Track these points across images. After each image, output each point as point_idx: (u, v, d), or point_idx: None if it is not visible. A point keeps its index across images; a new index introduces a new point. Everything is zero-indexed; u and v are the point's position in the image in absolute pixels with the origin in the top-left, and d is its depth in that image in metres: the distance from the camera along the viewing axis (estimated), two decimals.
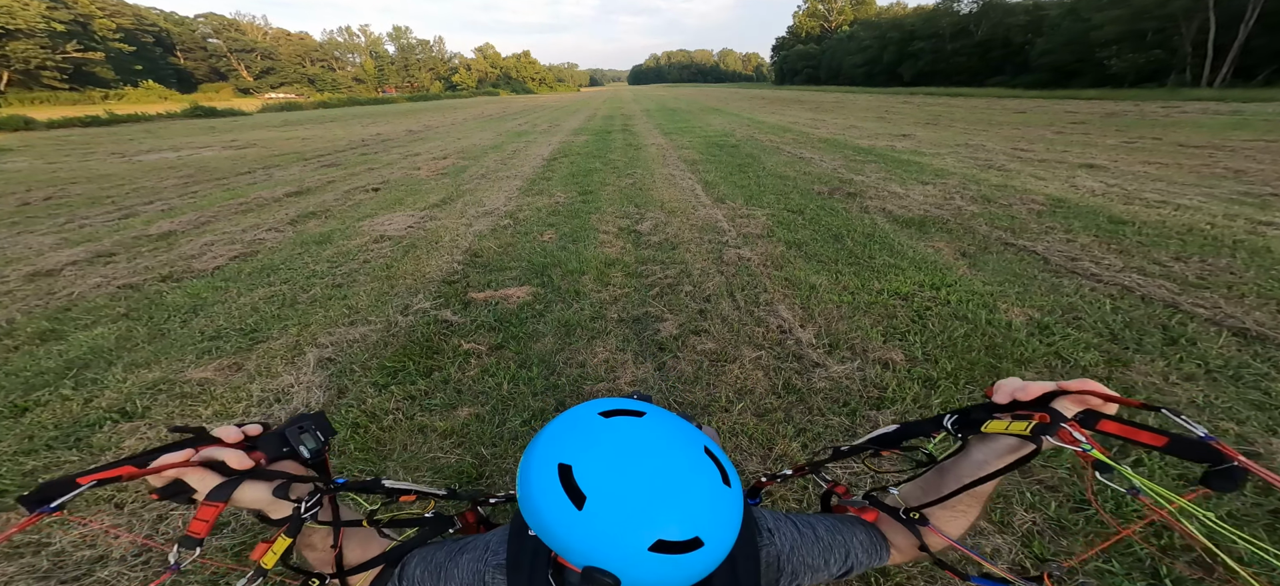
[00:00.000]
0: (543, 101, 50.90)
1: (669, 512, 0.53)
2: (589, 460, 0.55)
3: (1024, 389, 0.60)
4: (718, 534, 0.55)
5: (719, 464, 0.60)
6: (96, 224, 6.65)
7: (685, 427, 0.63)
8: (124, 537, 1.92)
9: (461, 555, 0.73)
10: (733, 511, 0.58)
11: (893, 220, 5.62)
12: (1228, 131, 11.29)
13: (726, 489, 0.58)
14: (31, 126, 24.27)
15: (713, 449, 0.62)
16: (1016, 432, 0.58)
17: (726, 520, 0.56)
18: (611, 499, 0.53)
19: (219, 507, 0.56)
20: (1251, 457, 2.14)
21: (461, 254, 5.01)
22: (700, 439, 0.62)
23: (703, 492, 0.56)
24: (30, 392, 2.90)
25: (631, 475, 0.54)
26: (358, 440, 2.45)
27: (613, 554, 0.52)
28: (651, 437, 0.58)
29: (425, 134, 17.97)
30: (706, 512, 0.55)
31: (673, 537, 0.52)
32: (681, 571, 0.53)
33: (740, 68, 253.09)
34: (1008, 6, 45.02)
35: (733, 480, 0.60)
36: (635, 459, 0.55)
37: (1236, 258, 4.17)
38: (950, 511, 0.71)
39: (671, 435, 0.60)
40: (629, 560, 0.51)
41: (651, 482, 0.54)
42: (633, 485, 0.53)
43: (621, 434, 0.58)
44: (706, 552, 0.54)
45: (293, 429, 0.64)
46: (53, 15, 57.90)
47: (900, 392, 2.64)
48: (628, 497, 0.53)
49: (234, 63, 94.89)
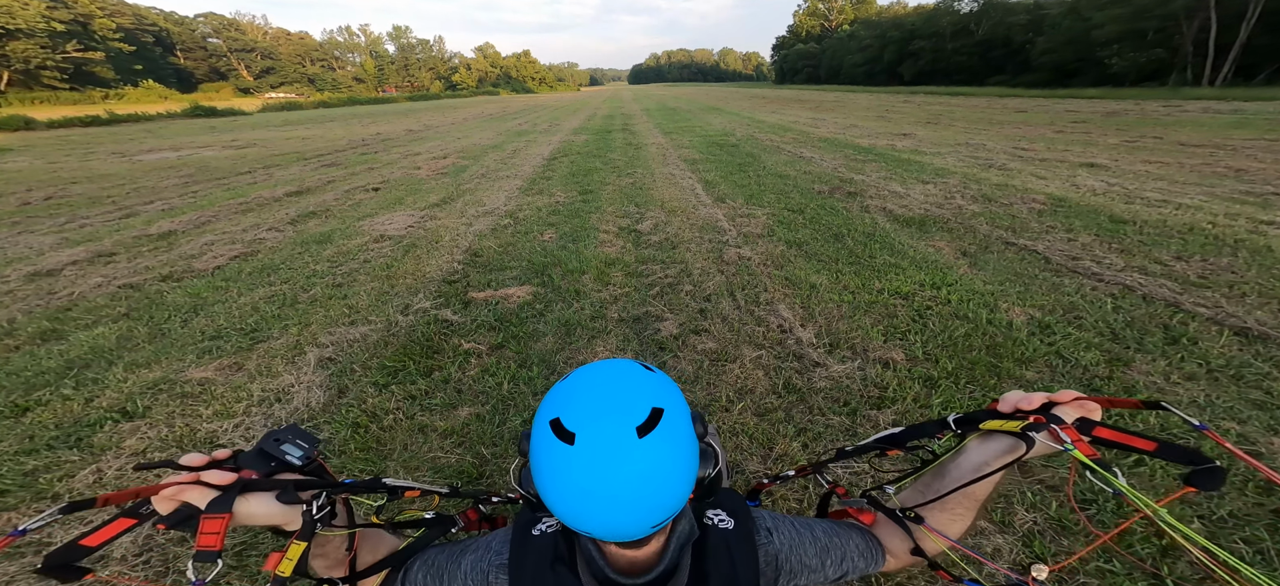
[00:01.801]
0: (543, 101, 50.88)
1: (628, 403, 0.59)
2: (567, 404, 0.61)
3: (1025, 398, 0.65)
4: (666, 399, 0.61)
5: (640, 363, 0.67)
6: (97, 224, 6.65)
7: (613, 359, 0.69)
8: (125, 537, 1.91)
9: (463, 556, 0.73)
10: (662, 382, 0.64)
11: (893, 219, 5.62)
12: (1229, 130, 11.27)
13: (650, 372, 0.65)
14: (32, 126, 24.29)
15: (638, 358, 0.70)
16: (1009, 429, 0.63)
17: (663, 389, 0.63)
18: (590, 419, 0.58)
19: (225, 518, 0.56)
20: (1252, 456, 2.14)
21: (462, 253, 5.01)
22: (624, 359, 0.69)
23: (639, 379, 0.62)
24: (31, 392, 2.90)
25: (592, 395, 0.60)
26: (358, 440, 2.45)
27: (618, 461, 0.56)
28: (594, 368, 0.65)
29: (425, 133, 17.97)
30: (649, 390, 0.61)
31: (644, 418, 0.57)
32: (669, 440, 0.58)
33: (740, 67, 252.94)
34: (1008, 6, 44.92)
35: (652, 368, 0.67)
36: (589, 385, 0.62)
37: (1238, 257, 4.16)
38: (947, 513, 0.72)
39: (605, 362, 0.67)
40: (632, 458, 0.56)
41: (605, 391, 0.60)
42: (596, 400, 0.59)
43: (576, 377, 0.65)
44: (671, 415, 0.60)
45: (269, 441, 0.64)
46: (53, 15, 57.88)
47: (901, 392, 2.64)
48: (599, 410, 0.58)
49: (234, 62, 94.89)
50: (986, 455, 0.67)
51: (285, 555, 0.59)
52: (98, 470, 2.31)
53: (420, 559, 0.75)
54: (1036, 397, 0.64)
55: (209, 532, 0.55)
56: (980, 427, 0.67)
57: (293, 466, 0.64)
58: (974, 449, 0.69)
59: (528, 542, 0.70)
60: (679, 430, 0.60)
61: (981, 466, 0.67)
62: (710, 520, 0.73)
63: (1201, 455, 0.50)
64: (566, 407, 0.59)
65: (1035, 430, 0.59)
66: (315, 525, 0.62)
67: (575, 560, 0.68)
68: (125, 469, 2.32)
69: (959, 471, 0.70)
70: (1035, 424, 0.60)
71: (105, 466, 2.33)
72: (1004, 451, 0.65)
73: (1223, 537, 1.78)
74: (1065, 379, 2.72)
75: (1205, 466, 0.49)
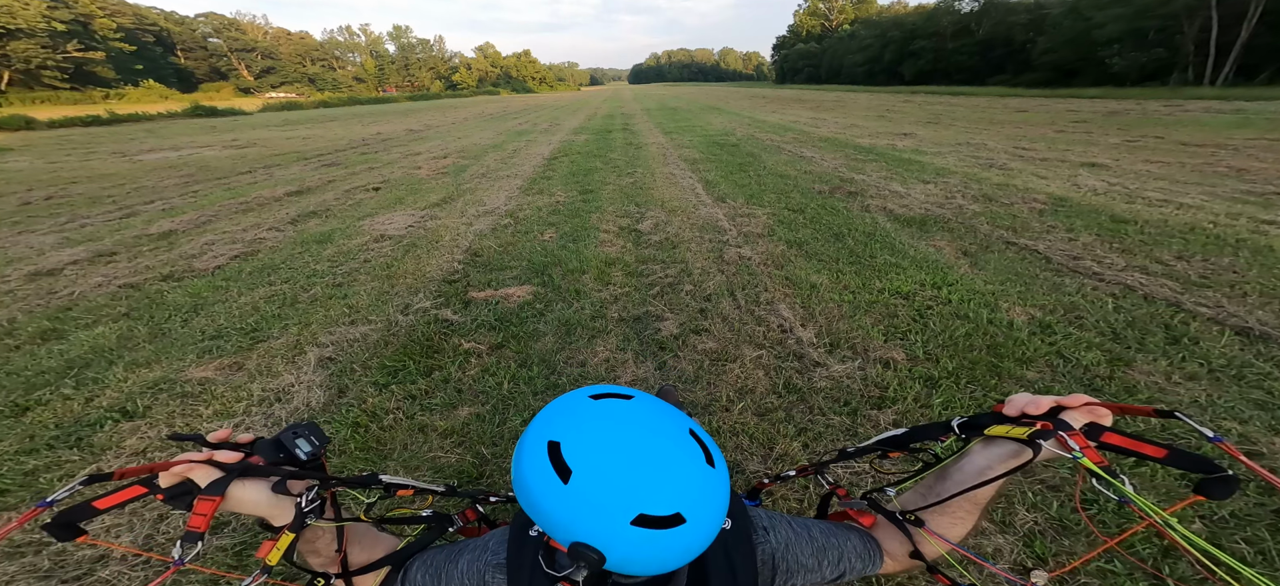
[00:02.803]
0: (543, 101, 50.88)
1: (651, 487, 0.53)
2: (576, 437, 0.56)
3: (1033, 402, 0.63)
4: (700, 512, 0.55)
5: (703, 446, 0.60)
6: (97, 223, 6.65)
7: (671, 411, 0.63)
8: (125, 538, 1.92)
9: (461, 556, 0.73)
10: (716, 493, 0.58)
11: (894, 219, 5.61)
12: (1230, 130, 11.25)
13: (710, 469, 0.58)
14: (32, 126, 24.31)
15: (698, 432, 0.62)
16: (1015, 436, 0.61)
17: (709, 499, 0.57)
18: (595, 473, 0.53)
19: (216, 502, 0.56)
20: (1253, 457, 2.14)
21: (462, 253, 5.01)
22: (685, 422, 0.62)
23: (685, 470, 0.56)
24: (31, 392, 2.90)
25: (616, 451, 0.55)
26: (358, 439, 2.45)
27: (596, 527, 0.52)
28: (637, 418, 0.59)
29: (425, 133, 17.97)
30: (688, 490, 0.55)
31: (654, 512, 0.52)
32: (664, 547, 0.53)
33: (741, 67, 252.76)
34: (1009, 5, 44.87)
35: (718, 462, 0.60)
36: (620, 436, 0.56)
37: (1239, 256, 4.16)
38: (948, 516, 0.71)
39: (657, 416, 0.60)
40: (612, 534, 0.52)
41: (634, 458, 0.55)
42: (616, 460, 0.54)
43: (608, 413, 0.59)
44: (689, 530, 0.54)
45: (287, 434, 0.66)
46: (53, 15, 57.93)
47: (901, 392, 2.64)
48: (611, 472, 0.53)
49: (234, 62, 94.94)
50: (990, 459, 0.66)
51: (276, 544, 0.60)
52: (98, 469, 2.31)
53: (419, 559, 0.74)
54: (1045, 401, 0.62)
55: (200, 513, 0.56)
56: (986, 433, 0.65)
57: (298, 461, 0.66)
58: (978, 452, 0.68)
59: (525, 542, 0.70)
60: (689, 544, 0.56)
61: (985, 470, 0.66)
62: None
63: (1213, 463, 0.49)
64: (570, 433, 0.57)
65: (1043, 437, 0.58)
66: (305, 517, 0.62)
67: None
68: (126, 468, 2.32)
69: (962, 475, 0.69)
70: (1042, 430, 0.58)
71: (105, 466, 2.33)
72: (1009, 456, 0.64)
73: (1224, 537, 1.78)
74: (1066, 378, 2.72)
75: (1217, 475, 0.48)
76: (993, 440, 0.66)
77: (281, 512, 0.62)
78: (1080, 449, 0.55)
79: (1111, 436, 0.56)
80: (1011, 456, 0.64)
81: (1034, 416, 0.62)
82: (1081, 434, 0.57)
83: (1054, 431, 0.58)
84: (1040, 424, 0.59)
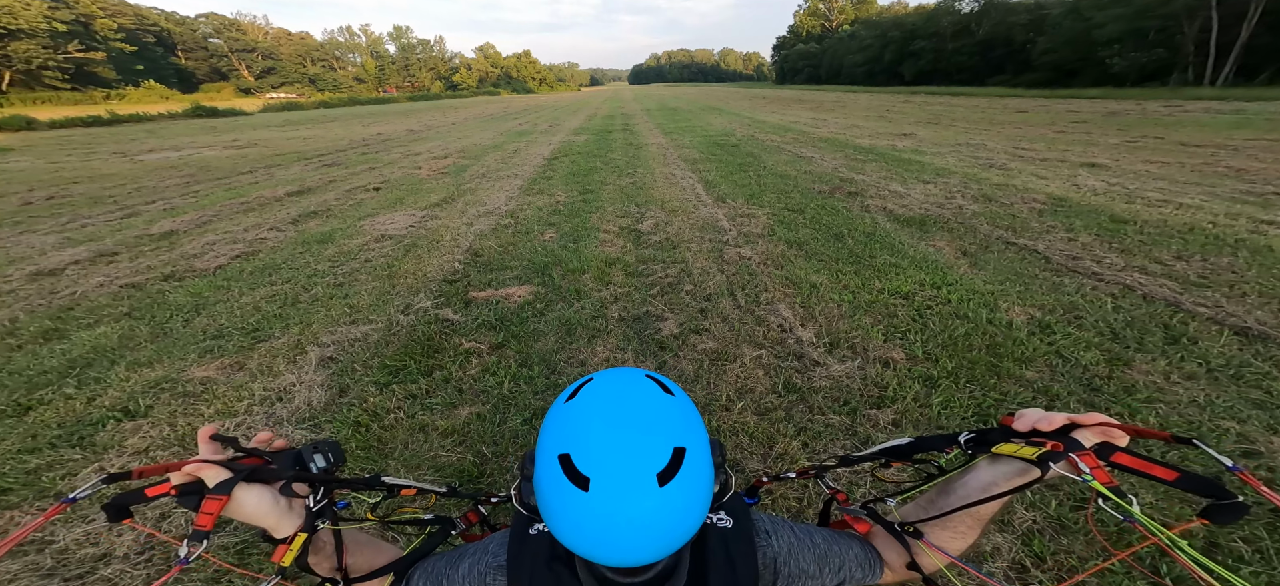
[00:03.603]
0: (543, 101, 50.91)
1: (649, 446, 0.55)
2: (579, 440, 0.57)
3: (1045, 418, 0.62)
4: (688, 434, 0.57)
5: (658, 382, 0.63)
6: (99, 223, 6.66)
7: (626, 372, 0.65)
8: (127, 538, 1.92)
9: (461, 561, 0.73)
10: (684, 410, 0.61)
11: (894, 219, 5.62)
12: (1230, 130, 11.26)
13: (670, 397, 0.61)
14: (33, 126, 24.34)
15: (652, 374, 0.64)
16: (1025, 456, 0.60)
17: (685, 420, 0.59)
18: (607, 466, 0.54)
19: (222, 501, 0.58)
20: (1253, 456, 2.15)
21: (462, 253, 5.02)
22: (639, 373, 0.64)
23: (660, 411, 0.58)
24: (33, 391, 2.91)
25: (609, 435, 0.56)
26: (359, 439, 2.46)
27: (637, 511, 0.53)
28: (608, 395, 0.61)
29: (426, 133, 17.99)
30: (671, 424, 0.57)
31: (665, 463, 0.54)
32: (690, 486, 0.55)
33: (741, 67, 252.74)
34: (1009, 6, 44.86)
35: (673, 389, 0.63)
36: (605, 420, 0.57)
37: (1238, 256, 4.16)
38: (949, 530, 0.70)
39: (619, 384, 0.62)
40: (652, 506, 0.53)
41: (623, 432, 0.56)
42: (614, 442, 0.55)
43: (587, 405, 0.60)
44: (694, 454, 0.56)
45: (307, 449, 0.70)
46: (54, 15, 57.98)
47: (901, 391, 2.65)
48: (617, 456, 0.54)
49: (235, 62, 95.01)
50: (996, 476, 0.65)
51: (289, 547, 0.62)
52: (100, 468, 2.32)
53: (420, 567, 0.75)
54: (1057, 418, 0.60)
55: (207, 512, 0.57)
56: (994, 450, 0.64)
57: (309, 475, 0.68)
58: (983, 468, 0.67)
59: (525, 542, 0.70)
60: (700, 469, 0.57)
61: (990, 486, 0.65)
62: (709, 519, 0.73)
63: (1223, 489, 0.49)
64: (579, 445, 0.56)
65: (1053, 459, 0.57)
66: (315, 519, 0.65)
67: (573, 558, 0.68)
68: (127, 467, 2.32)
69: (965, 490, 0.68)
70: (1052, 452, 0.58)
71: (107, 465, 2.34)
72: (1016, 474, 0.63)
73: (1222, 537, 1.78)
74: (1065, 378, 2.73)
75: (1227, 501, 0.48)
76: (1000, 456, 0.65)
77: (283, 524, 0.63)
78: (1090, 469, 0.55)
79: (1122, 457, 0.56)
80: (1018, 474, 0.63)
81: (1046, 433, 0.61)
82: (1093, 453, 0.57)
83: (1064, 453, 0.57)
84: (1050, 444, 0.58)
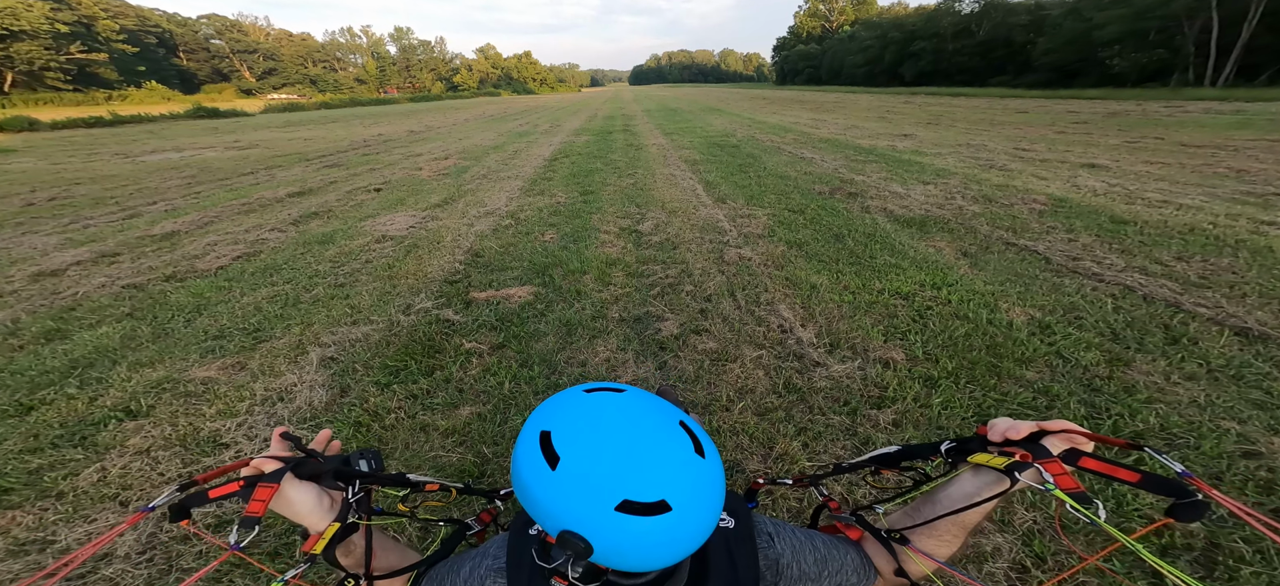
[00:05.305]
0: (544, 102, 50.95)
1: (636, 474, 0.53)
2: (565, 426, 0.57)
3: (1014, 427, 0.66)
4: (687, 500, 0.54)
5: (694, 437, 0.60)
6: (100, 224, 6.68)
7: (662, 404, 0.64)
8: (128, 537, 1.93)
9: (462, 566, 0.75)
10: (706, 482, 0.57)
11: (894, 220, 5.62)
12: (1230, 131, 11.25)
13: (699, 459, 0.58)
14: (36, 127, 24.39)
15: (690, 424, 0.62)
16: (995, 465, 0.65)
17: (697, 488, 0.56)
18: (582, 459, 0.54)
19: (273, 489, 0.63)
20: (1253, 456, 2.15)
21: (463, 254, 5.03)
22: (676, 414, 0.62)
23: (672, 459, 0.56)
24: (35, 391, 2.92)
25: (603, 440, 0.56)
26: (361, 439, 2.47)
27: (583, 514, 0.53)
28: (627, 409, 0.60)
29: (427, 134, 18.01)
30: (675, 478, 0.55)
31: (639, 499, 0.52)
32: (650, 535, 0.53)
33: (741, 68, 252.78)
34: (1010, 6, 44.84)
35: (708, 453, 0.60)
36: (609, 426, 0.57)
37: (1238, 257, 4.16)
38: (934, 537, 0.73)
39: (647, 408, 0.61)
40: (597, 520, 0.52)
41: (621, 447, 0.55)
42: (603, 448, 0.55)
43: (599, 405, 0.60)
44: (675, 518, 0.53)
45: (354, 455, 0.77)
46: (57, 16, 58.17)
47: (901, 392, 2.65)
48: (597, 458, 0.54)
49: (237, 63, 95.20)
50: (977, 485, 0.69)
51: (322, 536, 0.66)
52: (102, 468, 2.32)
53: (430, 572, 0.77)
54: (1025, 427, 0.64)
55: (258, 499, 0.61)
56: (969, 461, 0.69)
57: (350, 474, 0.73)
58: (966, 478, 0.71)
59: (525, 541, 0.71)
60: (682, 529, 0.55)
61: (972, 495, 0.68)
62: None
63: (1184, 488, 0.52)
64: (561, 423, 0.58)
65: (1020, 468, 0.62)
66: (350, 509, 0.69)
67: None
68: (129, 467, 2.33)
69: (949, 498, 0.71)
70: (1019, 462, 0.62)
71: (109, 465, 2.35)
72: (993, 483, 0.67)
73: (1222, 536, 1.79)
74: (1066, 379, 2.73)
75: (1188, 500, 0.51)
76: (978, 467, 0.69)
77: (321, 520, 0.68)
78: (1054, 478, 0.59)
79: (1088, 461, 0.59)
80: (995, 483, 0.67)
81: (1015, 442, 0.65)
82: (1060, 460, 0.60)
83: (1031, 462, 0.61)
84: (1019, 454, 0.63)
